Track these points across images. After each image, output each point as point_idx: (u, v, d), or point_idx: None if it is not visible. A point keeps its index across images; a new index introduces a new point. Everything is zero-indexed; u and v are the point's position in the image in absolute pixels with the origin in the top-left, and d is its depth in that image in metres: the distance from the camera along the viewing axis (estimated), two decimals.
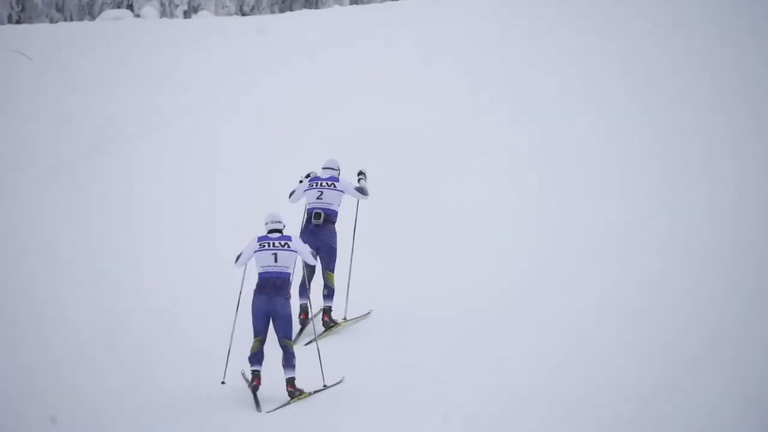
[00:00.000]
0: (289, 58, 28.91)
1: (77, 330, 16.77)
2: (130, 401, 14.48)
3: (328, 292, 16.44)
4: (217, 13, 41.67)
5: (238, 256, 14.61)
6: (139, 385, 14.91)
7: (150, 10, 38.49)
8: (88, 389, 14.86)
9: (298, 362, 14.45)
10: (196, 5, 41.97)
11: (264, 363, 14.42)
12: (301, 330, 16.25)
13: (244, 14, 42.86)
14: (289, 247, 14.56)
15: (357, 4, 42.04)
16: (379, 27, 31.02)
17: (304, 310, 16.39)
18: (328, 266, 16.43)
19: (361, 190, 16.70)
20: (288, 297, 14.46)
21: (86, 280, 18.46)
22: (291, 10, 42.08)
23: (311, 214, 16.45)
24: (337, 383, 14.61)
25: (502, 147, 23.17)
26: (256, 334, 14.43)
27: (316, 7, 42.14)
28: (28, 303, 17.64)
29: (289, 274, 14.50)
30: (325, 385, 14.58)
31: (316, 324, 16.38)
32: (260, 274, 14.49)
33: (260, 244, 14.57)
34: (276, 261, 14.49)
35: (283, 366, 14.37)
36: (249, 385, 14.38)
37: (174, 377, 15.16)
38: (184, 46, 30.38)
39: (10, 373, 15.37)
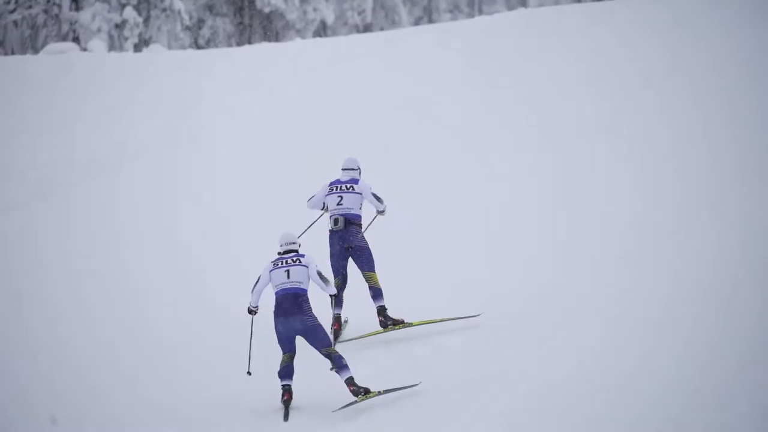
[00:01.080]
0: (251, 92, 28.45)
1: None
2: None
3: (375, 293, 16.36)
4: (170, 47, 40.61)
5: (256, 283, 14.97)
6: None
7: (98, 44, 37.11)
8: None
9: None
10: (147, 38, 40.58)
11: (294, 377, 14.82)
12: (335, 339, 16.39)
13: (199, 47, 41.88)
14: (300, 262, 14.76)
15: (321, 36, 40.67)
16: (348, 59, 30.59)
17: (336, 321, 16.46)
18: (367, 267, 16.38)
19: (378, 198, 16.63)
20: (307, 309, 14.61)
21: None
22: (250, 43, 40.87)
23: (331, 221, 16.46)
24: (414, 385, 14.65)
25: (500, 163, 23.13)
26: (284, 352, 14.73)
27: (276, 41, 40.80)
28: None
29: (304, 289, 14.70)
30: (381, 391, 14.53)
31: (366, 328, 16.65)
32: (276, 293, 14.76)
33: (274, 264, 14.89)
34: (289, 277, 14.73)
35: (336, 371, 14.54)
36: (281, 401, 14.61)
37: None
38: (136, 82, 29.91)
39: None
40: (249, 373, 14.85)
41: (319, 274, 14.78)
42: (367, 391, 14.34)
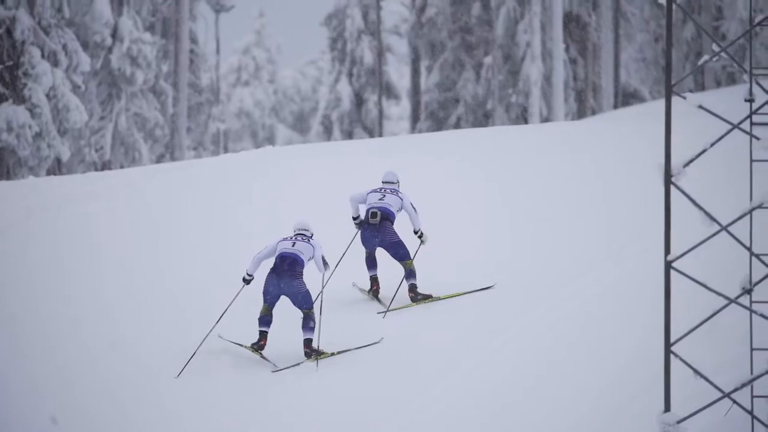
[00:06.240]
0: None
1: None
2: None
3: (408, 273, 18.24)
4: None
5: (260, 251, 16.41)
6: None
7: None
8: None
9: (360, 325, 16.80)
10: None
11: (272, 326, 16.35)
12: (377, 298, 18.39)
13: None
14: (308, 240, 16.20)
15: (56, 174, 38.89)
16: (86, 198, 29.20)
17: (375, 281, 18.42)
18: (402, 258, 18.18)
19: (415, 216, 18.36)
20: (299, 275, 15.97)
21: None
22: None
23: (368, 213, 18.14)
24: (374, 343, 16.46)
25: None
26: (264, 302, 16.17)
27: (8, 179, 38.91)
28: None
29: (303, 259, 16.06)
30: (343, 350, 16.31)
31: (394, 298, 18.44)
32: (276, 256, 16.09)
33: (283, 238, 16.37)
34: (293, 246, 16.11)
35: (302, 328, 16.07)
36: (254, 345, 16.14)
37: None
38: None
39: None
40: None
41: (323, 258, 16.22)
42: (319, 353, 15.94)
